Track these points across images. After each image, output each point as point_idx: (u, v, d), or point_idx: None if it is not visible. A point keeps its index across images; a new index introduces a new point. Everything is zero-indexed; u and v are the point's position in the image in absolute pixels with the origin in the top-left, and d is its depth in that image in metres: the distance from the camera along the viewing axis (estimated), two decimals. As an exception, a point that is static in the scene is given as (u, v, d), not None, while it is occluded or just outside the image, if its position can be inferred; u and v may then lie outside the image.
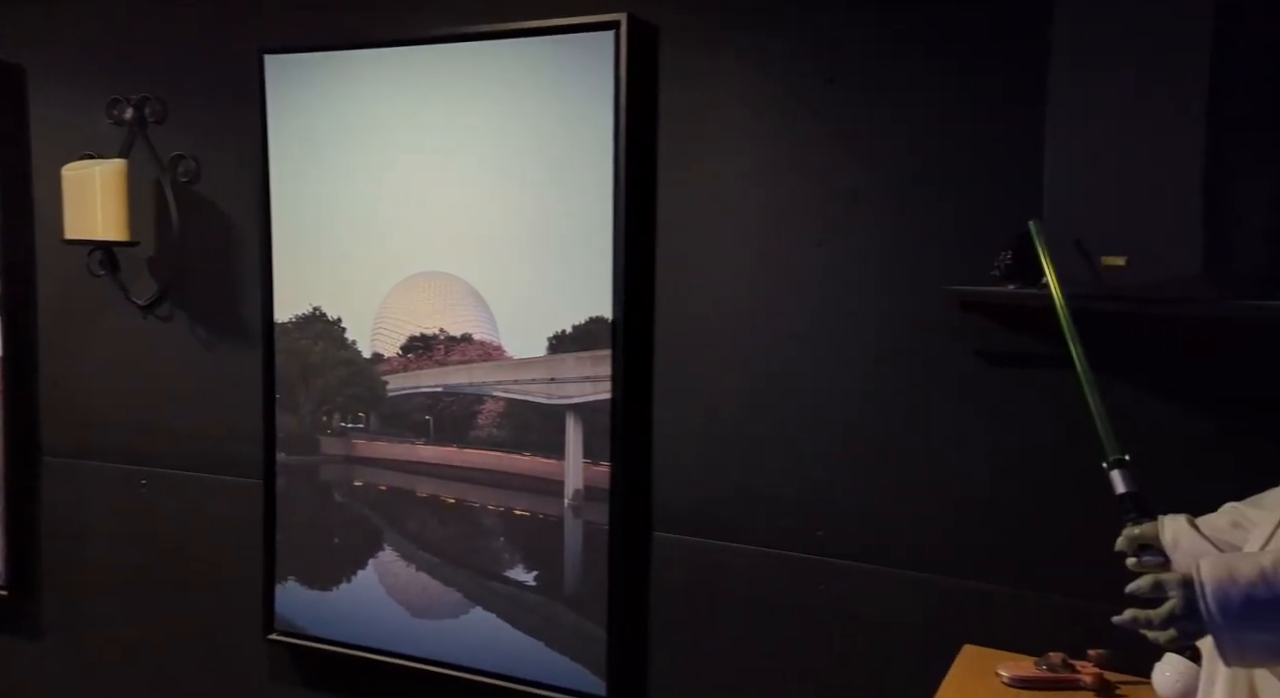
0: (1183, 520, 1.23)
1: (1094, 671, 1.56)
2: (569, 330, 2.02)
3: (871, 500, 1.85)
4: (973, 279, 1.69)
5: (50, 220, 2.53)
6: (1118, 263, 1.43)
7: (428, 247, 2.15)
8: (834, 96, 1.83)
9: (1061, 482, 1.69)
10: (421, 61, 2.11)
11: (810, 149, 1.86)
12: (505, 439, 2.11)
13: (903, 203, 1.80)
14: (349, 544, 2.29)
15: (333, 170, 2.22)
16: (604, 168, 1.95)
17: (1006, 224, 1.59)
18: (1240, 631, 0.90)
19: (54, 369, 2.63)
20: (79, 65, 2.53)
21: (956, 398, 1.78)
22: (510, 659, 2.11)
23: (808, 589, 1.91)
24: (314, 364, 2.30)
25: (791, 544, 1.92)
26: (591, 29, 1.93)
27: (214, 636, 2.49)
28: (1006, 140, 1.69)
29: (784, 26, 1.87)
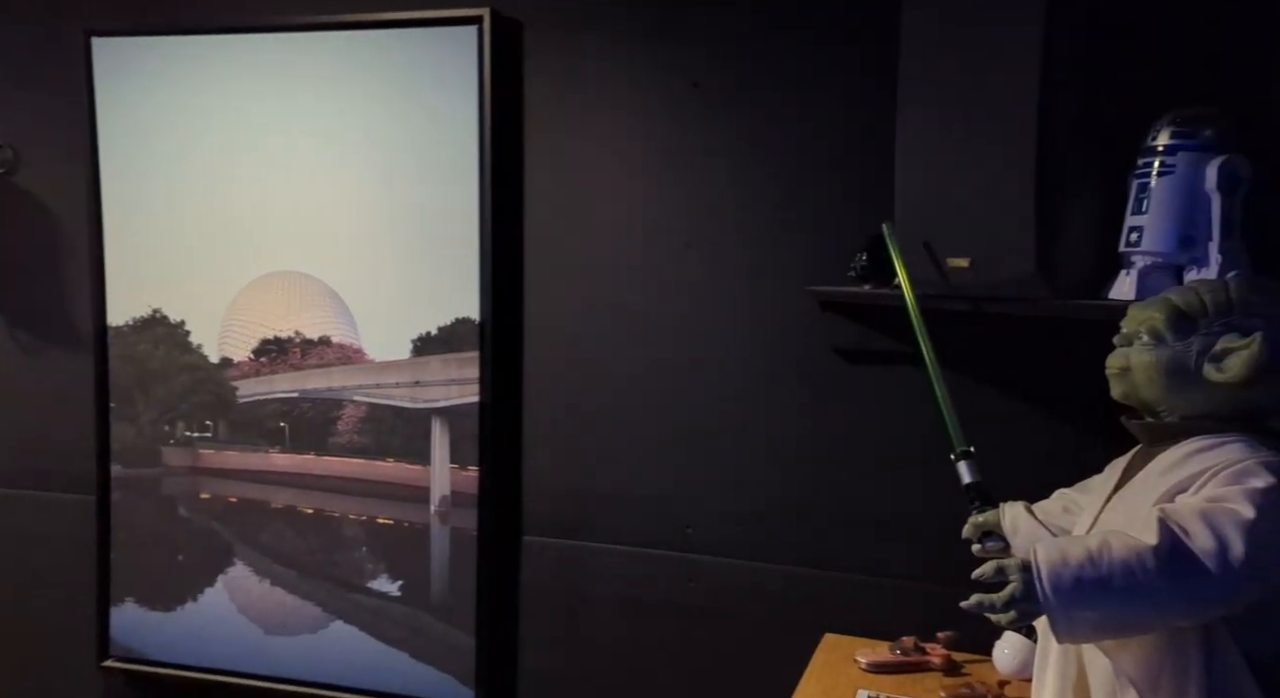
0: (1021, 508, 1.32)
1: (942, 652, 1.65)
2: (434, 332, 1.97)
3: (739, 496, 1.89)
4: (832, 280, 1.75)
5: None
6: (962, 264, 1.51)
7: (281, 245, 2.04)
8: (700, 101, 1.86)
9: (914, 473, 1.78)
10: (275, 50, 2.01)
11: (677, 152, 1.89)
12: (367, 446, 2.03)
13: (767, 206, 1.85)
14: (195, 561, 2.15)
15: (174, 163, 2.08)
16: (470, 166, 1.91)
17: (865, 227, 1.66)
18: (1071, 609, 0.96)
19: None
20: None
21: (817, 395, 1.84)
22: (374, 673, 2.04)
23: (677, 586, 1.93)
24: (154, 370, 2.14)
25: (661, 542, 1.94)
26: (454, 23, 1.89)
27: (42, 665, 2.29)
28: (865, 146, 1.76)
29: (651, 30, 1.88)
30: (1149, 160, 1.44)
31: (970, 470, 1.33)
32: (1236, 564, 0.94)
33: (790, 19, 1.81)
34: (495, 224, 1.91)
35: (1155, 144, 1.43)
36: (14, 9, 2.21)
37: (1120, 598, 0.96)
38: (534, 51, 1.93)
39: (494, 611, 1.99)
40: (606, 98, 1.91)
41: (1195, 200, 1.40)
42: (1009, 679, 1.57)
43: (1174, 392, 1.12)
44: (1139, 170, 1.45)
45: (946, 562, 1.38)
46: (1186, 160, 1.40)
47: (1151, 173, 1.43)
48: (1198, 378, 1.10)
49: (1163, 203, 1.42)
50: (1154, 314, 1.14)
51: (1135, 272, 1.45)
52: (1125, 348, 1.16)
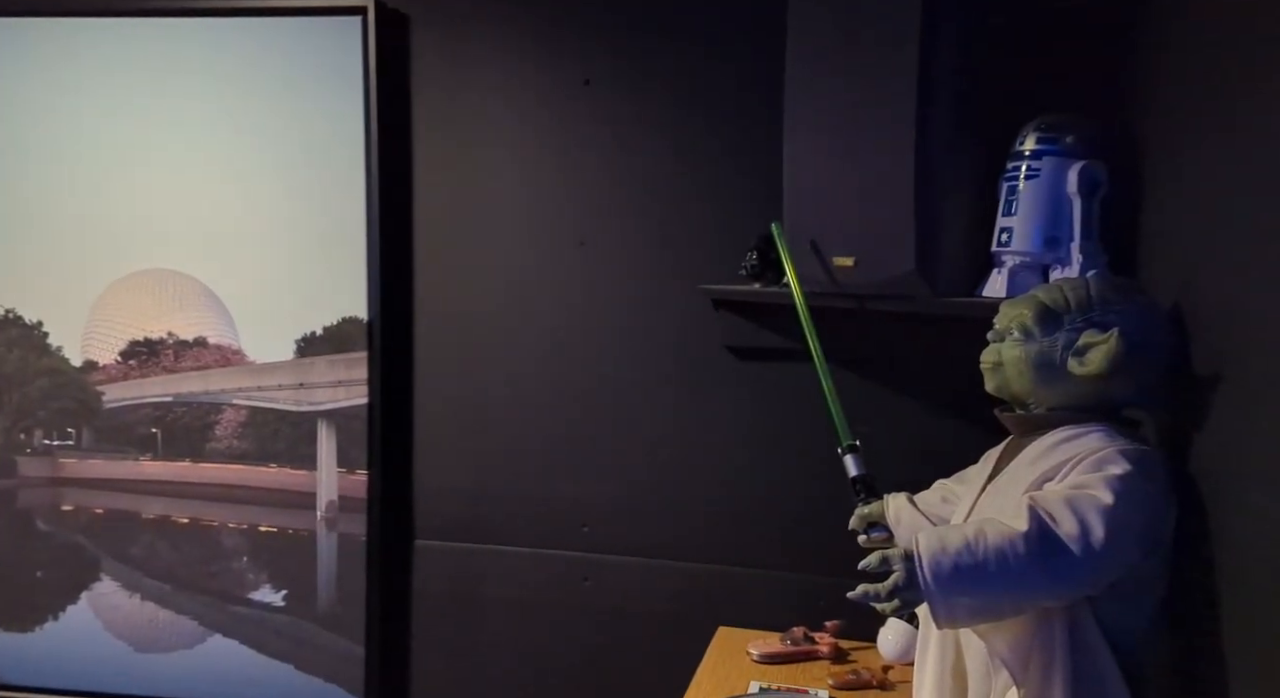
0: (903, 499, 1.37)
1: (830, 641, 1.69)
2: (319, 332, 1.90)
3: (633, 494, 1.90)
4: (724, 278, 1.77)
5: None
6: (847, 263, 1.56)
7: (152, 242, 1.93)
8: (591, 98, 1.86)
9: (803, 467, 1.82)
10: (149, 37, 1.90)
11: (569, 149, 1.88)
12: (248, 451, 1.94)
13: (660, 204, 1.86)
14: (57, 577, 2.01)
15: (32, 153, 1.94)
16: (356, 161, 1.85)
17: (755, 225, 1.69)
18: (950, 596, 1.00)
19: None
20: None
21: (710, 391, 1.87)
22: (256, 688, 1.96)
23: (574, 586, 1.92)
24: (8, 374, 1.99)
25: (558, 543, 1.93)
26: (336, 13, 1.83)
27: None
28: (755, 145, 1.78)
29: (542, 27, 1.87)
30: (1017, 164, 1.51)
31: (856, 463, 1.37)
32: (1098, 546, 1.00)
33: (681, 18, 1.82)
34: (383, 221, 1.86)
35: (1023, 148, 1.51)
36: None
37: (994, 582, 1.01)
38: (421, 45, 1.89)
39: (384, 617, 1.94)
40: (497, 94, 1.89)
41: (1059, 203, 1.48)
42: (893, 664, 1.63)
43: (1041, 384, 1.18)
44: (1008, 173, 1.53)
45: (835, 553, 1.42)
46: (1051, 165, 1.48)
47: (1019, 176, 1.51)
48: (1062, 371, 1.16)
49: (1030, 205, 1.49)
50: (1023, 311, 1.19)
51: (1006, 270, 1.52)
52: (998, 343, 1.22)
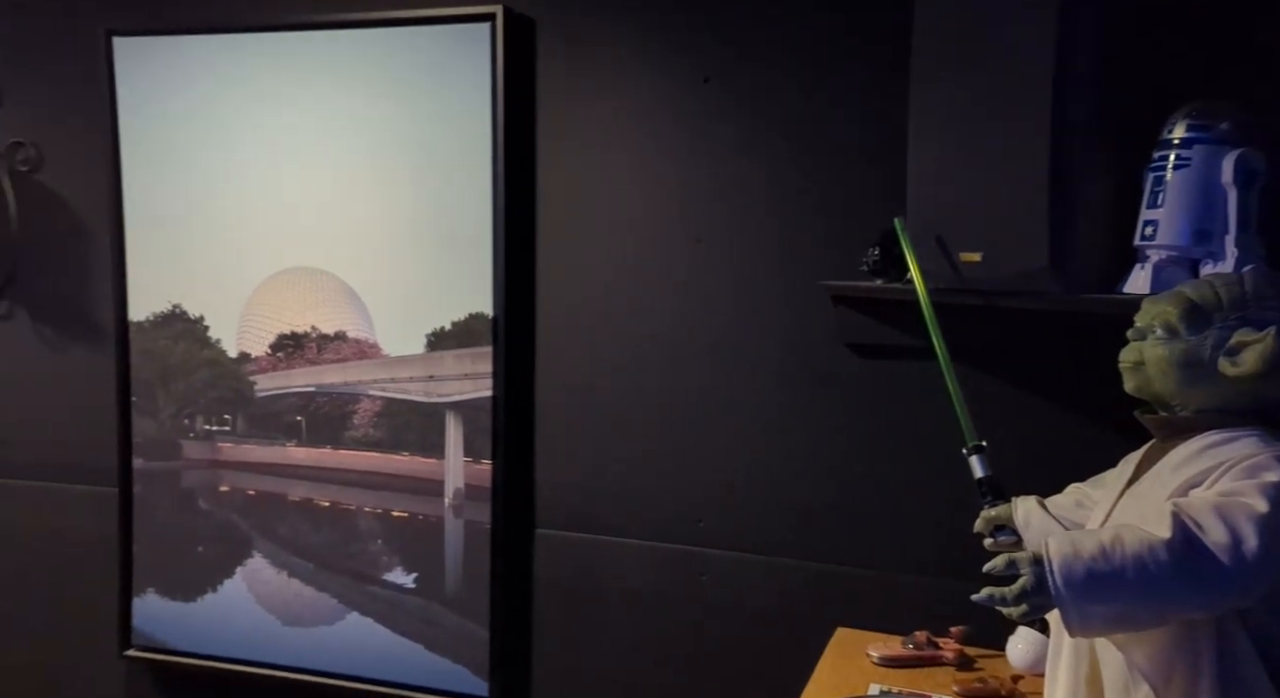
0: (1033, 502, 1.32)
1: (955, 647, 1.64)
2: (448, 327, 1.98)
3: (751, 490, 1.90)
4: (844, 274, 1.75)
5: None
6: (974, 258, 1.51)
7: (299, 241, 2.07)
8: (710, 95, 1.86)
9: (926, 467, 1.77)
10: (290, 49, 2.03)
11: (688, 146, 1.89)
12: (382, 439, 2.05)
13: (778, 200, 1.85)
14: (214, 553, 2.18)
15: (193, 161, 2.11)
16: (483, 162, 1.92)
17: (877, 221, 1.65)
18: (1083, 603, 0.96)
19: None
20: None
21: (829, 389, 1.84)
22: (389, 664, 2.06)
23: (689, 580, 1.94)
24: (174, 365, 2.17)
25: (673, 536, 1.95)
26: (466, 20, 1.90)
27: (65, 654, 2.33)
28: (877, 139, 1.76)
29: (661, 25, 1.89)
30: (1164, 153, 1.43)
31: (982, 464, 1.33)
32: (1250, 558, 0.94)
33: (802, 11, 1.80)
34: (508, 220, 1.92)
35: (1171, 137, 1.42)
36: (37, 9, 2.24)
37: (1133, 591, 0.96)
38: (546, 48, 1.94)
39: (507, 603, 2.01)
40: (618, 93, 1.92)
41: (1211, 194, 1.39)
42: (1022, 674, 1.57)
43: (1187, 385, 1.11)
44: (1154, 163, 1.44)
45: (959, 556, 1.38)
46: (1202, 154, 1.39)
47: (1167, 166, 1.42)
48: (1212, 372, 1.09)
49: (1178, 196, 1.41)
50: (1168, 308, 1.13)
51: (1150, 265, 1.44)
52: (1139, 342, 1.16)
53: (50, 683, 2.35)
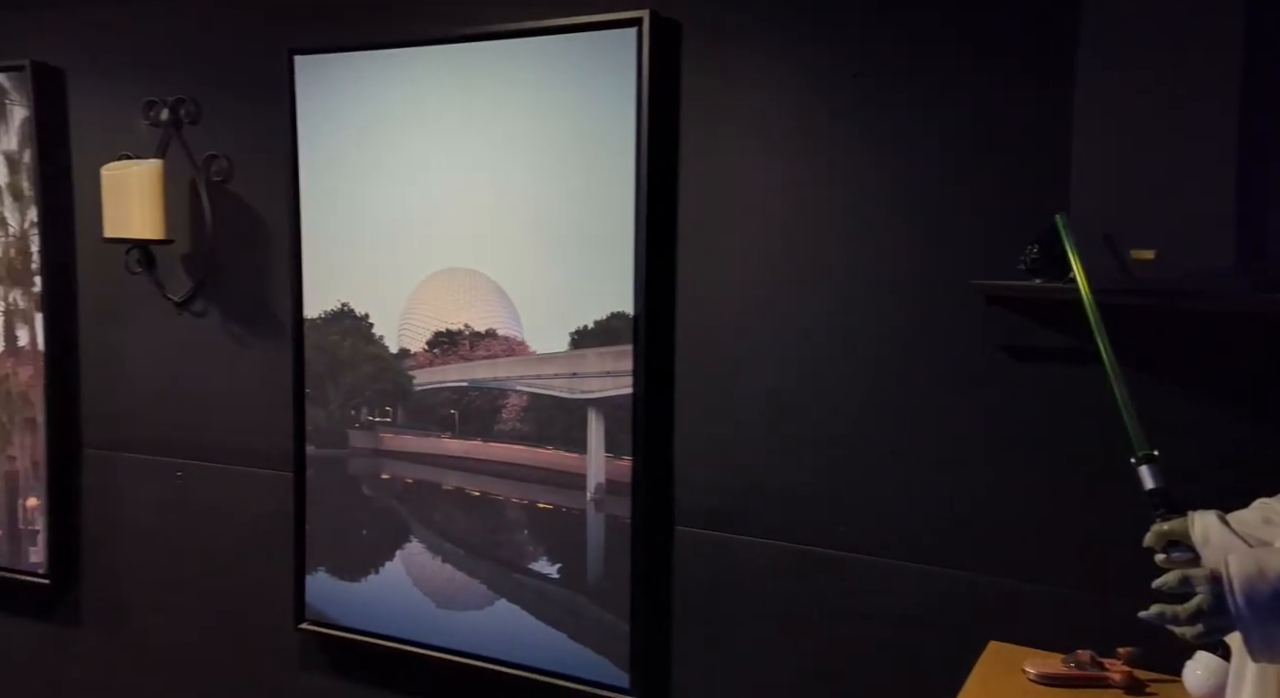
0: (1213, 516, 1.21)
1: (1123, 669, 1.54)
2: (590, 326, 2.03)
3: (896, 495, 1.84)
4: (998, 273, 1.67)
5: (90, 220, 2.59)
6: (1147, 256, 1.41)
7: (452, 243, 2.17)
8: (858, 92, 1.82)
9: (1090, 477, 1.67)
10: (446, 60, 2.13)
11: (834, 145, 1.85)
12: (529, 433, 2.12)
13: (928, 197, 1.78)
14: (377, 536, 2.32)
15: (360, 168, 2.26)
16: (626, 164, 1.95)
17: (1033, 218, 1.58)
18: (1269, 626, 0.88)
19: (94, 364, 2.69)
20: (117, 67, 2.58)
21: (982, 393, 1.76)
22: (534, 651, 2.13)
23: (830, 585, 1.91)
24: (343, 359, 2.33)
25: (814, 539, 1.92)
26: (614, 26, 1.94)
27: (247, 624, 2.54)
28: (1032, 132, 1.67)
29: (807, 23, 1.86)
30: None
31: (1153, 476, 1.24)
32: None
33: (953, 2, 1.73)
34: (650, 221, 1.95)
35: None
36: (232, 35, 2.46)
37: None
38: (690, 49, 1.95)
39: (648, 598, 2.04)
40: (762, 93, 1.91)
41: None
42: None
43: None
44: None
45: (1125, 572, 1.29)
46: None
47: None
48: None
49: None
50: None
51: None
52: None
53: (233, 650, 2.57)
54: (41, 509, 2.69)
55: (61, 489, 2.70)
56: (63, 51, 2.63)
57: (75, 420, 2.71)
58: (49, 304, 2.65)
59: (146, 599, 2.67)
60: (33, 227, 2.64)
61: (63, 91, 2.64)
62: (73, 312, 2.69)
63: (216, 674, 2.59)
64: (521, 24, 2.04)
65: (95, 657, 2.75)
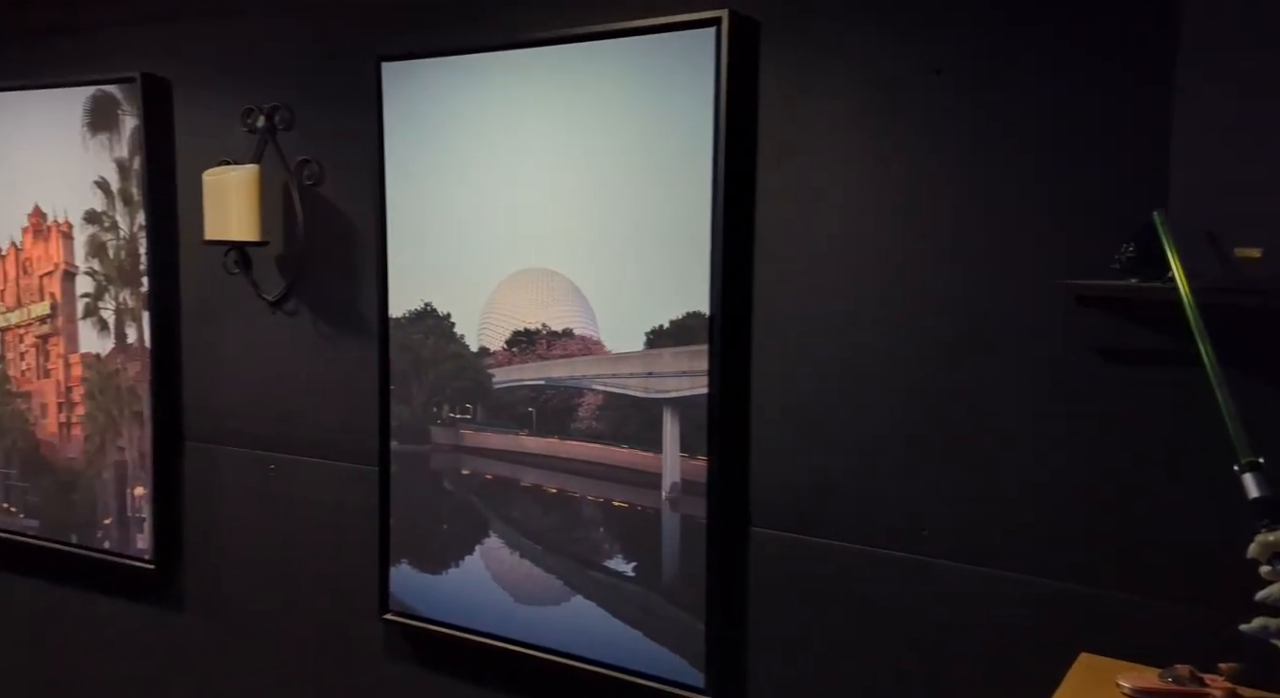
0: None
1: (1225, 685, 1.46)
2: (666, 325, 2.03)
3: (982, 500, 1.79)
4: (1090, 272, 1.61)
5: (192, 223, 2.72)
6: (1252, 255, 1.34)
7: (531, 244, 2.20)
8: (941, 87, 1.78)
9: (1189, 485, 1.59)
10: (525, 64, 2.17)
11: (916, 141, 1.81)
12: (604, 432, 2.14)
13: (1015, 194, 1.73)
14: (457, 530, 2.37)
15: (443, 171, 2.31)
16: (703, 164, 1.95)
17: (1127, 215, 1.51)
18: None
19: (194, 361, 2.83)
20: (218, 77, 2.71)
21: (1073, 396, 1.70)
22: (610, 648, 2.15)
23: (912, 591, 1.86)
24: (425, 358, 2.39)
25: (894, 544, 1.88)
26: (693, 27, 1.94)
27: (335, 612, 2.63)
28: (1127, 126, 1.60)
29: (888, 17, 1.82)
30: None
31: (1258, 484, 1.18)
32: None
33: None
34: (726, 221, 1.94)
35: None
36: (322, 43, 2.55)
37: None
38: (769, 48, 1.94)
39: (723, 598, 2.03)
40: (842, 89, 1.88)
41: None
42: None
43: None
44: None
45: (1227, 584, 1.23)
46: None
47: None
48: None
49: None
50: None
51: None
52: None
53: (321, 637, 2.67)
54: (147, 498, 2.84)
55: (165, 480, 2.85)
56: (170, 64, 2.77)
57: (178, 414, 2.85)
58: (154, 304, 2.79)
59: (241, 586, 2.79)
60: (141, 230, 2.78)
61: (169, 101, 2.78)
62: (176, 311, 2.83)
63: (306, 660, 2.69)
64: (600, 27, 2.06)
65: (195, 640, 2.89)
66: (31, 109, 2.94)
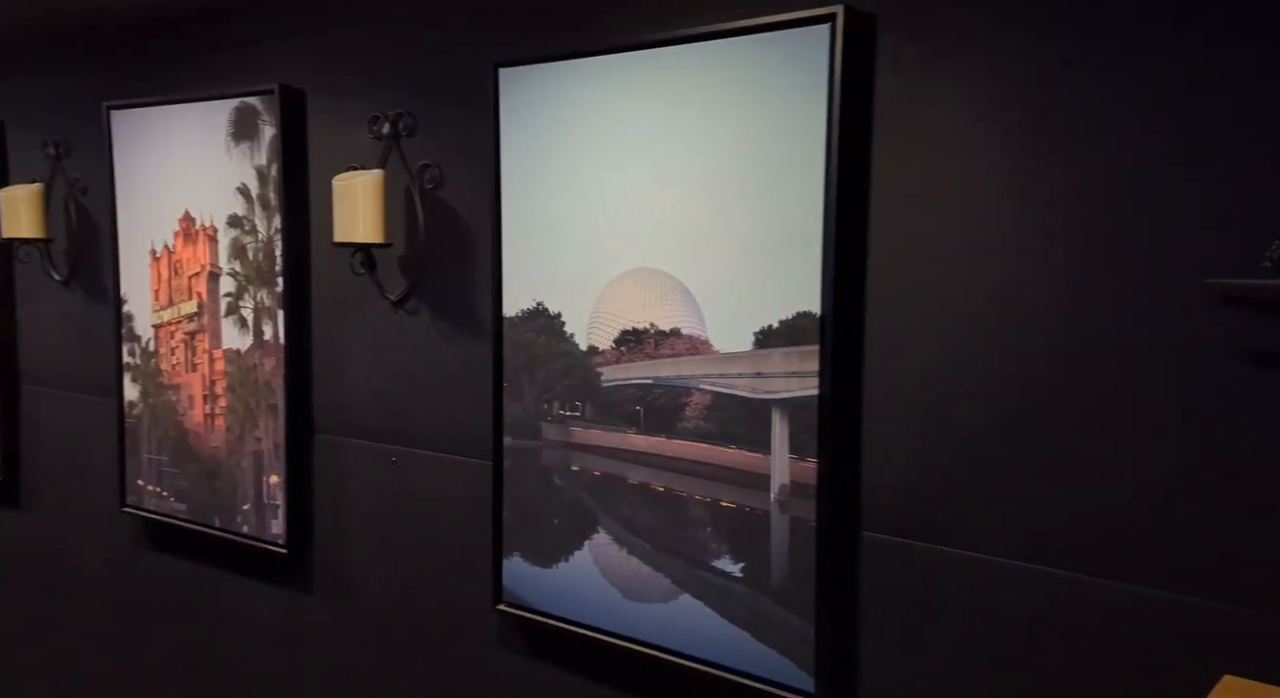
0: None
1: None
2: (775, 325, 2.01)
3: (1114, 510, 1.70)
4: (1238, 271, 1.50)
5: (323, 226, 2.87)
6: None
7: (641, 244, 2.22)
8: (1071, 80, 1.69)
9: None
10: (635, 66, 2.18)
11: (1045, 137, 1.73)
12: (712, 432, 2.14)
13: (1152, 190, 1.63)
14: (567, 525, 2.42)
15: (555, 174, 2.35)
16: (815, 163, 1.92)
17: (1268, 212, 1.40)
18: None
19: (323, 357, 2.98)
20: (347, 86, 2.84)
21: (1218, 400, 1.59)
22: (718, 648, 2.14)
23: (1035, 603, 1.78)
24: (537, 356, 2.44)
25: (1017, 553, 1.80)
26: (807, 24, 1.91)
27: (451, 601, 2.73)
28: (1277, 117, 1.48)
29: (1013, 6, 1.74)
30: None
31: None
32: None
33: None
34: (839, 220, 1.90)
35: None
36: (444, 51, 2.64)
37: None
38: (885, 43, 1.89)
39: (833, 603, 1.99)
40: (964, 84, 1.81)
41: None
42: None
43: None
44: None
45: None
46: None
47: None
48: None
49: None
50: None
51: None
52: None
53: (438, 625, 2.77)
54: (281, 486, 3.02)
55: (297, 469, 3.01)
56: (304, 75, 2.93)
57: (308, 407, 3.01)
58: (288, 302, 2.96)
59: (364, 571, 2.93)
60: (277, 233, 2.95)
61: (303, 110, 2.94)
62: (307, 309, 2.99)
63: (423, 646, 2.80)
64: (711, 27, 2.05)
65: (322, 621, 3.05)
66: (182, 122, 3.17)
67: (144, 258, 3.34)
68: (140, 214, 3.33)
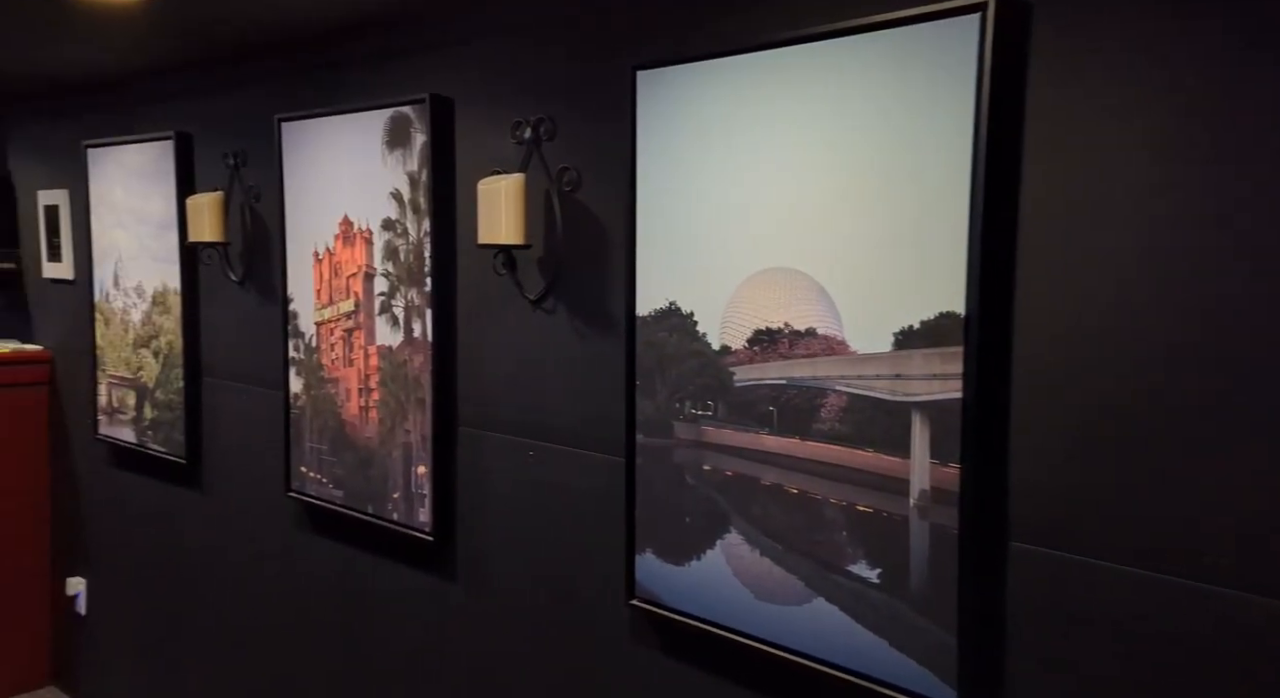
0: None
1: None
2: (916, 326, 1.95)
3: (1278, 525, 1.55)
4: None
5: (468, 228, 3.00)
6: None
7: (775, 243, 2.20)
8: (1247, 64, 1.55)
9: None
10: (769, 64, 2.16)
11: (1213, 122, 1.60)
12: (847, 434, 2.09)
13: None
14: (698, 524, 2.42)
15: (690, 174, 2.36)
16: (960, 160, 1.84)
17: None
18: None
19: (467, 353, 3.11)
20: (492, 93, 2.95)
21: None
22: (852, 654, 2.10)
23: (1194, 622, 1.66)
24: (669, 355, 2.46)
25: (1174, 570, 1.68)
26: (956, 14, 1.84)
27: (584, 595, 2.78)
28: None
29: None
30: None
31: None
32: None
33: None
34: (986, 219, 1.82)
35: None
36: (584, 57, 2.70)
37: None
38: (1040, 29, 1.79)
39: (977, 614, 1.91)
40: (1123, 77, 1.69)
41: None
42: None
43: None
44: None
45: None
46: None
47: None
48: None
49: None
50: None
51: None
52: None
53: (572, 617, 2.83)
54: (428, 477, 3.17)
55: (443, 461, 3.16)
56: (452, 83, 3.07)
57: (453, 402, 3.15)
58: (436, 301, 3.11)
59: (503, 562, 3.04)
60: (426, 235, 3.11)
61: (451, 118, 3.07)
62: (453, 308, 3.13)
63: (557, 637, 2.88)
64: (852, 22, 2.00)
65: (464, 608, 3.19)
66: (343, 131, 3.38)
67: (308, 259, 3.58)
68: (305, 218, 3.57)
